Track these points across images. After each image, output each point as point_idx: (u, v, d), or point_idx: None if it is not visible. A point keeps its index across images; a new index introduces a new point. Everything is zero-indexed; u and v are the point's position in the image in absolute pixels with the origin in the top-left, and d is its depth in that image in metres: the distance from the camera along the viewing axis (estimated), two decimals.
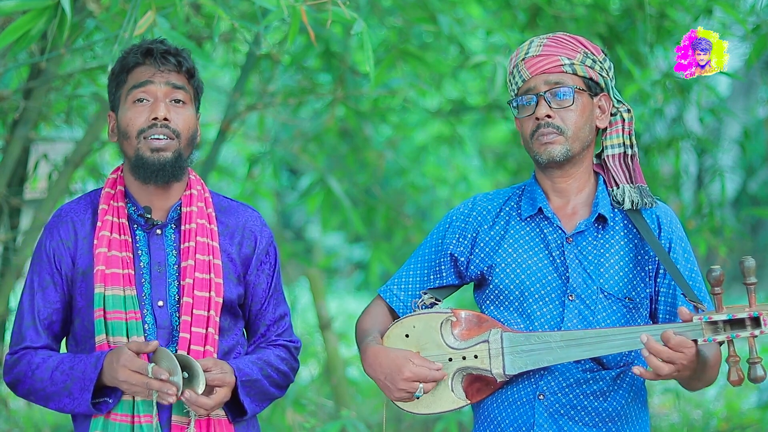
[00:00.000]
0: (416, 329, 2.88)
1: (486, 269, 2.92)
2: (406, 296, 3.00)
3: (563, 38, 2.89)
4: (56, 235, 2.93)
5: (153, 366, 2.74)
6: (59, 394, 2.84)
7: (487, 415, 2.89)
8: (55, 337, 2.94)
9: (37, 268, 2.94)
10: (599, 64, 2.89)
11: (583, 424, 2.82)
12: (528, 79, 2.87)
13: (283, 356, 3.01)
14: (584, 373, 2.82)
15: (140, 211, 2.92)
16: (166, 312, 2.88)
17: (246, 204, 3.08)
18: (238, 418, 2.92)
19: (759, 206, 10.06)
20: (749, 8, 5.12)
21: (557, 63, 2.85)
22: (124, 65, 2.92)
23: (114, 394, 2.83)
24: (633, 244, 2.88)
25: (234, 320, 2.97)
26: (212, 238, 2.93)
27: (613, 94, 2.92)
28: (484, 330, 2.84)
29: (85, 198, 3.00)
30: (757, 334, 2.58)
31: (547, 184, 2.92)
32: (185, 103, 2.91)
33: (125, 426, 2.82)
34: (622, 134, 2.93)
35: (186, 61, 2.92)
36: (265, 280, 3.01)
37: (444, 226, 3.01)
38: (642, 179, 2.92)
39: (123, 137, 2.90)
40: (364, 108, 6.23)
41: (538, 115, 2.84)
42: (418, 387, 2.80)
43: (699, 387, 2.84)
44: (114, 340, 2.84)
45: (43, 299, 2.91)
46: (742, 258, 2.62)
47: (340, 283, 14.07)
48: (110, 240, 2.88)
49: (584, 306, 2.83)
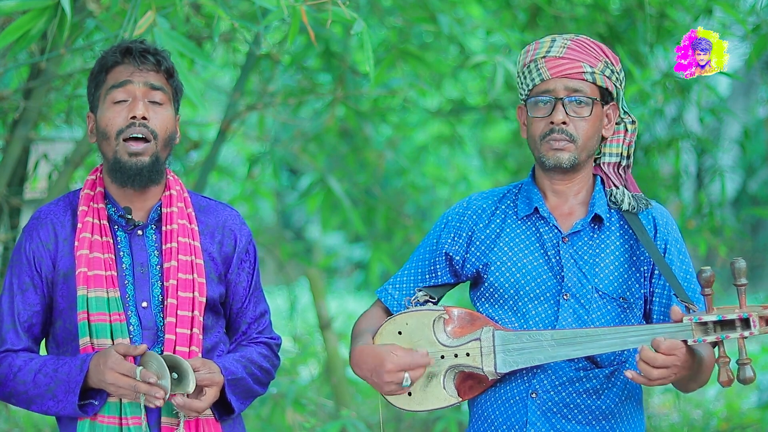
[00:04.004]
0: (409, 326, 2.88)
1: (481, 267, 2.93)
2: (401, 295, 3.00)
3: (587, 43, 2.88)
4: (36, 238, 2.91)
5: (141, 369, 2.73)
6: (42, 397, 2.82)
7: (482, 413, 2.89)
8: (35, 339, 2.92)
9: (17, 270, 2.91)
10: (616, 74, 2.89)
11: (576, 422, 2.82)
12: (547, 80, 2.86)
13: (265, 353, 3.02)
14: (577, 371, 2.83)
15: (120, 212, 2.91)
16: (150, 313, 2.87)
17: (224, 203, 3.07)
18: (225, 417, 2.92)
19: (759, 206, 10.06)
20: (749, 8, 5.12)
21: (579, 70, 2.84)
22: (102, 65, 2.90)
23: (100, 396, 2.81)
24: (628, 245, 2.88)
25: (216, 318, 2.97)
26: (193, 238, 2.92)
27: (621, 105, 2.93)
28: (477, 328, 2.84)
29: (63, 199, 2.98)
30: (747, 335, 2.58)
31: (545, 184, 2.93)
32: (163, 103, 2.89)
33: (113, 428, 2.81)
34: (621, 144, 2.94)
35: (165, 61, 2.90)
36: (246, 279, 3.01)
37: (440, 226, 3.02)
38: (636, 188, 2.93)
39: (102, 138, 2.88)
40: (364, 108, 6.23)
41: (554, 120, 2.83)
42: (404, 376, 2.79)
43: (694, 388, 2.84)
44: (98, 342, 2.82)
45: (23, 302, 2.89)
46: (733, 259, 2.63)
47: (340, 283, 14.08)
48: (91, 242, 2.86)
49: (579, 305, 2.83)
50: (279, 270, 6.94)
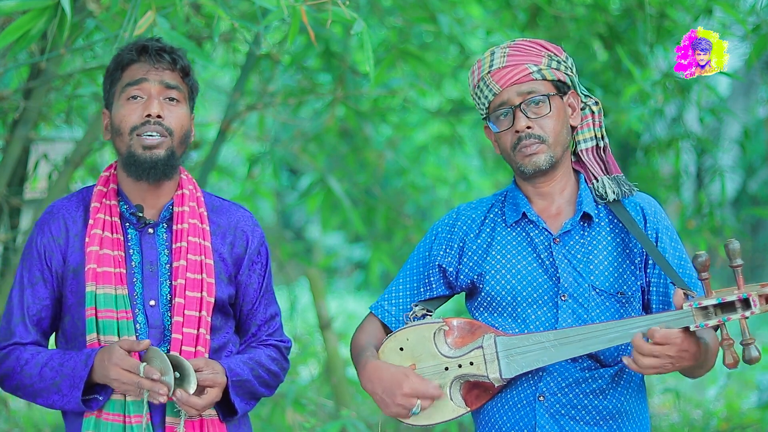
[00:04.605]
0: (410, 342, 2.88)
1: (476, 278, 2.92)
2: (397, 311, 2.99)
3: (525, 44, 2.89)
4: (47, 232, 2.92)
5: (145, 365, 2.74)
6: (48, 391, 2.84)
7: (488, 419, 2.89)
8: (44, 333, 2.93)
9: (27, 263, 2.93)
10: (563, 63, 2.90)
11: (585, 423, 2.82)
12: (499, 93, 2.86)
13: (274, 356, 3.01)
14: (582, 371, 2.83)
15: (132, 209, 2.91)
16: (158, 311, 2.87)
17: (238, 204, 3.07)
18: (229, 418, 2.92)
19: (759, 206, 10.05)
20: (749, 8, 5.12)
21: (525, 72, 2.85)
22: (118, 62, 2.91)
23: (104, 391, 2.83)
24: (620, 239, 2.88)
25: (225, 319, 2.97)
26: (204, 238, 2.93)
27: (579, 90, 2.93)
28: (478, 336, 2.84)
29: (77, 195, 2.99)
30: (748, 315, 2.58)
31: (529, 189, 2.93)
32: (179, 101, 2.90)
33: (117, 426, 2.82)
34: (592, 127, 2.94)
35: (181, 60, 2.91)
36: (257, 280, 3.01)
37: (430, 239, 3.02)
38: (617, 169, 2.93)
39: (116, 134, 2.89)
40: (364, 108, 6.22)
41: (518, 128, 2.84)
42: (416, 403, 2.79)
43: (701, 374, 2.83)
44: (105, 339, 2.83)
45: (33, 295, 2.90)
46: (726, 241, 2.62)
47: (340, 283, 14.08)
48: (102, 238, 2.87)
49: (577, 305, 2.83)
50: (279, 270, 6.94)
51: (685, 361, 2.66)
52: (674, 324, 2.63)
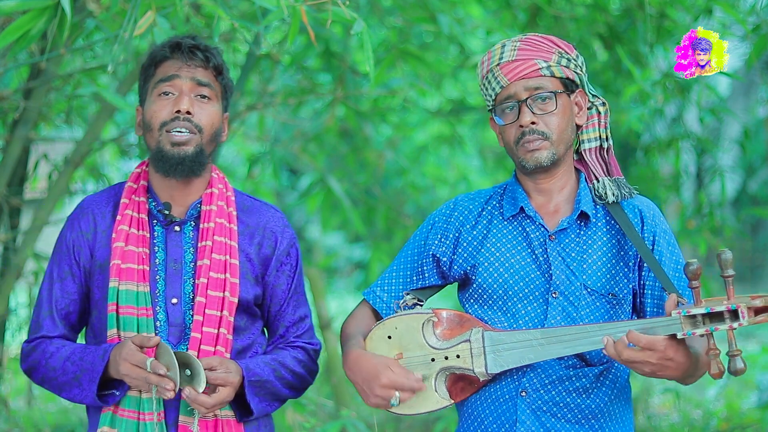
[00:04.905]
0: (398, 330, 2.88)
1: (469, 269, 2.93)
2: (389, 298, 3.00)
3: (536, 40, 2.89)
4: (77, 227, 2.95)
5: (152, 360, 2.75)
6: (70, 384, 2.86)
7: (471, 412, 2.89)
8: (72, 327, 2.96)
9: (57, 258, 2.96)
10: (573, 61, 2.90)
11: (566, 420, 2.82)
12: (507, 86, 2.86)
13: (300, 358, 3.01)
14: (567, 369, 2.83)
15: (160, 206, 2.93)
16: (179, 309, 2.88)
17: (270, 204, 3.07)
18: (246, 418, 2.92)
19: (759, 206, 10.06)
20: (749, 8, 5.11)
21: (535, 67, 2.85)
22: (152, 59, 2.94)
23: (121, 386, 2.85)
24: (615, 240, 2.88)
25: (251, 320, 2.97)
26: (231, 238, 2.93)
27: (588, 89, 2.93)
28: (466, 329, 2.84)
29: (108, 191, 3.02)
30: (736, 326, 2.57)
31: (529, 185, 2.93)
32: (210, 99, 2.91)
33: (132, 422, 2.84)
34: (598, 128, 2.94)
35: (214, 58, 2.93)
36: (285, 282, 3.01)
37: (426, 228, 3.02)
38: (618, 172, 2.94)
39: (147, 130, 2.91)
40: (364, 108, 6.23)
41: (522, 123, 2.84)
42: (395, 395, 2.79)
43: (690, 382, 2.83)
44: (125, 335, 2.86)
45: (61, 290, 2.93)
46: (719, 251, 2.62)
47: (340, 283, 14.08)
48: (128, 234, 2.89)
49: (568, 303, 2.83)
50: None
51: (670, 371, 2.65)
52: (662, 331, 2.62)
